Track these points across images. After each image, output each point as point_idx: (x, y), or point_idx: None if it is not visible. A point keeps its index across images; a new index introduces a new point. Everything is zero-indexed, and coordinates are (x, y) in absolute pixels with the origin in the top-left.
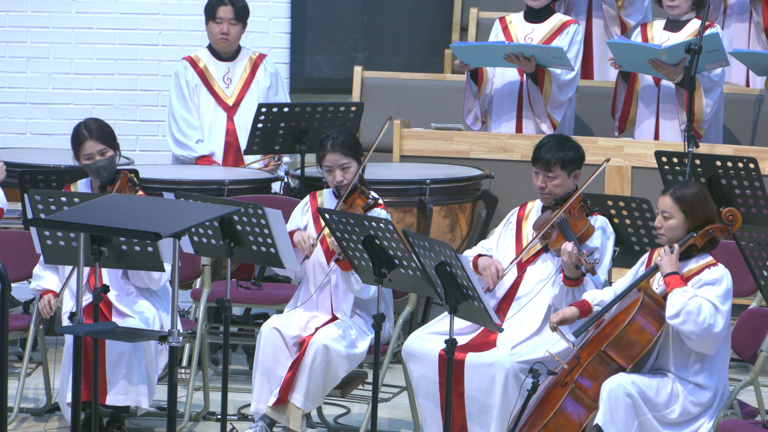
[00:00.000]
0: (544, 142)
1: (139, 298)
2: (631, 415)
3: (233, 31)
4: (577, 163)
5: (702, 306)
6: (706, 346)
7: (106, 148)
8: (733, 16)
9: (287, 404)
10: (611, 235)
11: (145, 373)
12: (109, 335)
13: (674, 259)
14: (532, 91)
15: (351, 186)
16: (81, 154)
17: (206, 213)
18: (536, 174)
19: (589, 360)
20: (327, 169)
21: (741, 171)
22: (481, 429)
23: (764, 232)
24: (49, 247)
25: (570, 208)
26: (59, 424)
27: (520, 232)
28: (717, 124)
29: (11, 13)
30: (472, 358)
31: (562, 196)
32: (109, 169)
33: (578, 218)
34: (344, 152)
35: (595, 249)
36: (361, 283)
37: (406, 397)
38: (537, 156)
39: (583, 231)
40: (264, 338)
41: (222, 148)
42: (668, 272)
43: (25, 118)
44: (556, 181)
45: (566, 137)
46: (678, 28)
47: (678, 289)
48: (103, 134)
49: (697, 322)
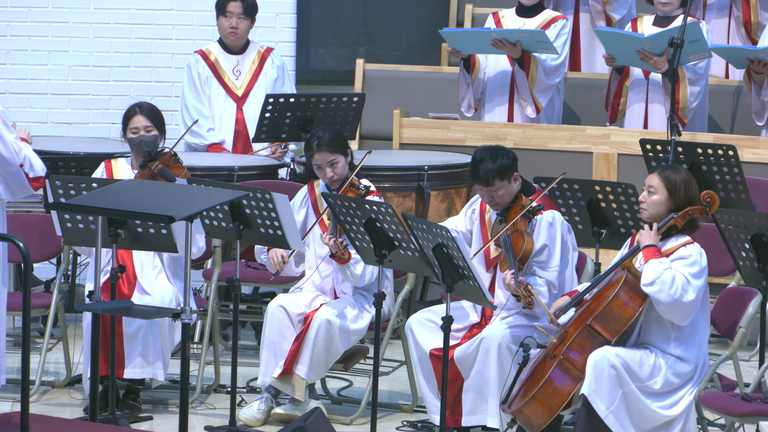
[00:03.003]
0: (478, 159)
1: (161, 276)
2: (616, 386)
3: (242, 26)
4: (512, 167)
5: (675, 278)
6: (675, 316)
7: (152, 126)
8: (714, 11)
9: (292, 375)
10: (561, 227)
11: (160, 349)
12: (125, 312)
13: (653, 234)
14: (518, 76)
15: (342, 178)
16: (129, 127)
17: (217, 197)
18: (480, 190)
19: (576, 333)
20: (317, 167)
21: (721, 158)
22: (477, 398)
23: (742, 215)
24: (69, 230)
25: (514, 223)
26: (79, 396)
27: (484, 223)
28: (702, 114)
29: (33, 9)
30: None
31: (508, 207)
32: (152, 145)
33: (520, 234)
34: (330, 150)
35: (542, 256)
36: (356, 275)
37: (405, 371)
38: (475, 175)
39: (523, 250)
40: (270, 316)
41: (232, 136)
42: (646, 244)
43: (47, 108)
44: (501, 191)
45: (495, 147)
46: (667, 23)
47: (654, 260)
48: (152, 114)
49: (669, 293)
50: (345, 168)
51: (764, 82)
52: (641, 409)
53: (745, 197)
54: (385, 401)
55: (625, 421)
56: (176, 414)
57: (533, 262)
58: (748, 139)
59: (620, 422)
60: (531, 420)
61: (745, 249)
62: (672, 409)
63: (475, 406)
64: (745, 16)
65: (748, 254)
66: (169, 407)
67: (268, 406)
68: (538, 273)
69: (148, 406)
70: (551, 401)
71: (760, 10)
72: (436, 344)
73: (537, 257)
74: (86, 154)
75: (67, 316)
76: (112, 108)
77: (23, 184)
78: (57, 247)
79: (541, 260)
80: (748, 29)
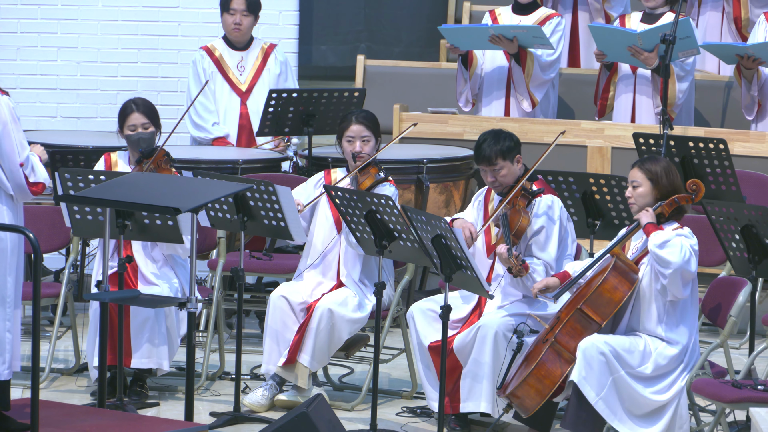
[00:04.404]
0: (481, 141)
1: (165, 267)
2: (605, 373)
3: (245, 22)
4: (516, 149)
5: (683, 243)
6: (678, 284)
7: (149, 123)
8: (708, 6)
9: (295, 364)
10: (560, 212)
11: (166, 337)
12: (132, 302)
13: (652, 213)
14: (514, 71)
15: (370, 159)
16: (126, 124)
17: (221, 190)
18: (484, 171)
19: (567, 318)
20: (348, 140)
21: (712, 151)
22: (474, 384)
23: (733, 207)
24: (78, 221)
25: (513, 199)
26: (87, 383)
27: (487, 211)
28: (689, 108)
29: (43, 6)
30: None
31: (510, 186)
32: (149, 142)
33: (517, 211)
34: (367, 125)
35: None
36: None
37: (404, 359)
38: (479, 156)
39: (518, 226)
40: (273, 305)
41: (236, 130)
42: (647, 221)
43: (56, 102)
44: (503, 171)
45: (498, 130)
46: (653, 20)
47: (658, 231)
48: (149, 110)
49: (680, 254)
50: (373, 150)
51: (753, 77)
52: (632, 395)
53: (735, 189)
54: (386, 388)
55: (615, 407)
56: (182, 400)
57: (531, 243)
58: (738, 133)
59: (611, 408)
60: (524, 402)
61: (736, 240)
62: (663, 395)
63: (471, 392)
64: (735, 12)
65: (738, 245)
66: (176, 394)
67: (273, 393)
68: (536, 254)
69: (154, 393)
70: (543, 383)
71: (750, 6)
72: (435, 336)
73: (535, 238)
74: (94, 148)
75: (76, 305)
76: (119, 103)
77: (22, 185)
78: (66, 238)
79: (539, 241)
80: (739, 25)
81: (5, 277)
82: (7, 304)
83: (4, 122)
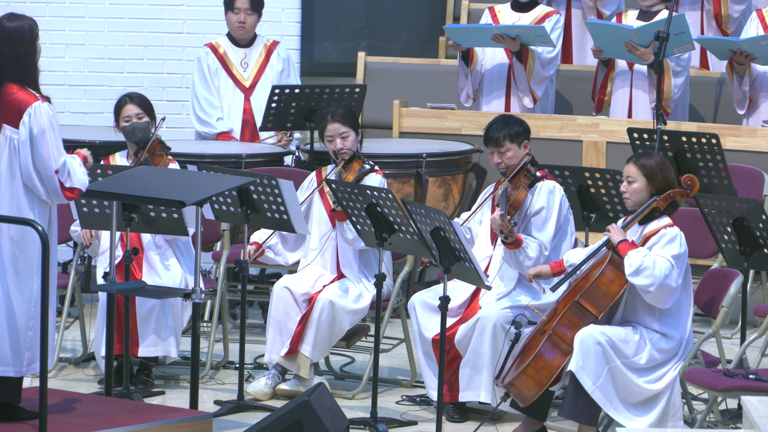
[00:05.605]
0: (491, 124)
1: (170, 256)
2: (602, 362)
3: (249, 20)
4: (524, 134)
5: (656, 261)
6: (661, 298)
7: (143, 113)
8: (686, 4)
9: (297, 354)
10: (560, 197)
11: (172, 327)
12: (138, 293)
13: (620, 229)
14: (516, 68)
15: (351, 154)
16: (121, 116)
17: (225, 183)
18: (491, 153)
19: (564, 310)
20: (328, 139)
21: (704, 146)
22: (473, 374)
23: (725, 200)
24: (86, 214)
25: (515, 178)
26: (94, 372)
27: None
28: (684, 104)
29: (51, 4)
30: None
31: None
32: (144, 131)
33: (517, 187)
34: (342, 122)
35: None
36: (354, 233)
37: (404, 348)
38: (487, 137)
39: (516, 197)
40: (275, 296)
41: (240, 125)
42: (619, 240)
43: (64, 98)
44: (509, 153)
45: (509, 115)
46: (649, 18)
47: (632, 251)
48: (142, 101)
49: (655, 275)
50: (354, 144)
51: (745, 73)
52: (627, 384)
53: (727, 183)
54: (386, 377)
55: (611, 395)
56: (187, 389)
57: (529, 223)
58: (730, 127)
59: (607, 397)
60: (522, 392)
61: (728, 232)
62: (657, 384)
63: (470, 381)
64: (715, 9)
65: (730, 237)
66: (181, 382)
67: (275, 382)
68: (533, 234)
69: (160, 382)
70: (541, 374)
71: (730, 3)
72: (437, 329)
73: (534, 218)
74: (101, 142)
75: (84, 296)
76: None
77: (56, 190)
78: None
79: (537, 222)
80: (719, 22)
81: (32, 277)
82: (32, 304)
83: (42, 129)
